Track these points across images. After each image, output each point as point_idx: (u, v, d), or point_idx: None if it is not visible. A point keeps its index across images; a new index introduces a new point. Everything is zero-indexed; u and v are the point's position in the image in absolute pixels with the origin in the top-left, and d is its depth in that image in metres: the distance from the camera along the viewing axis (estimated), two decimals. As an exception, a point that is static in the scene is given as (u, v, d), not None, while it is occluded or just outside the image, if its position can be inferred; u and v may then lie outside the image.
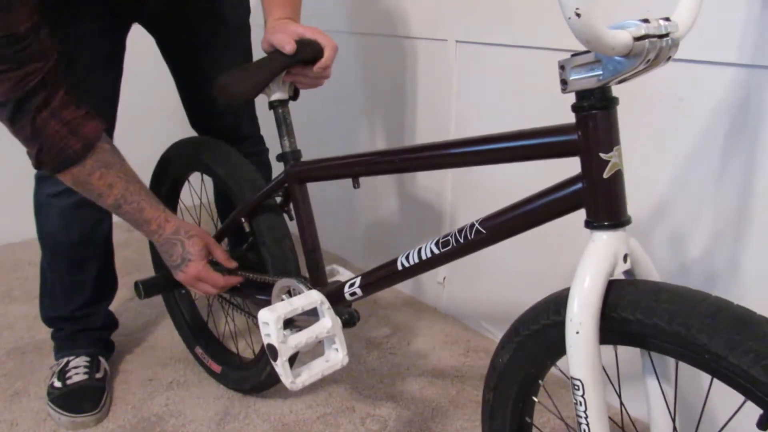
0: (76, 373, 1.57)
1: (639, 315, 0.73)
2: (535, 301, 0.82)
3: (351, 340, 1.81)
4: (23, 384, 1.67)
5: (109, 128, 1.49)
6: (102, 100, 1.43)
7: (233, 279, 1.41)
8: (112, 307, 1.73)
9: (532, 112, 1.57)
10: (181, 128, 1.79)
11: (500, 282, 1.78)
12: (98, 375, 1.59)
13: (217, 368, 1.64)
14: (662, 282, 0.76)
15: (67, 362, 1.59)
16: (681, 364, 0.82)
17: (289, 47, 1.18)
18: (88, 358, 1.61)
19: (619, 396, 0.92)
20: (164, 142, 1.66)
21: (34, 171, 1.47)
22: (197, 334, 1.74)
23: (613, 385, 0.92)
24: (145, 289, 1.52)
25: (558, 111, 1.50)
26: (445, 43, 1.74)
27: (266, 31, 1.25)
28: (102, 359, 1.65)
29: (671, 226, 1.34)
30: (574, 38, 0.64)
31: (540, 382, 0.93)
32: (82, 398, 1.52)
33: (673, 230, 1.34)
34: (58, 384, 1.55)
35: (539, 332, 0.85)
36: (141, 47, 1.56)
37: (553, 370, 0.92)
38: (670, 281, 0.82)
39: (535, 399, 0.94)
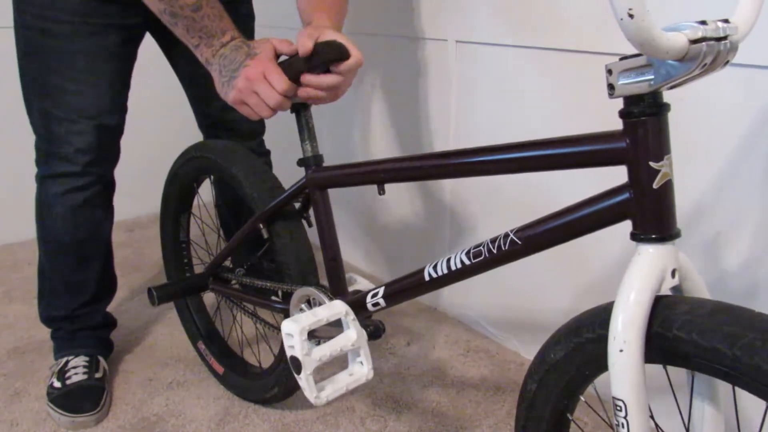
0: (76, 373, 1.51)
1: (694, 335, 0.64)
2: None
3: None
4: (23, 384, 1.60)
5: (118, 133, 1.43)
6: (113, 110, 1.38)
7: (299, 90, 1.08)
8: (112, 307, 1.66)
9: (533, 112, 1.50)
10: (186, 131, 1.70)
11: (500, 282, 1.70)
12: (98, 375, 1.53)
13: (219, 369, 1.56)
14: (720, 301, 0.67)
15: (67, 362, 1.53)
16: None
17: (303, 49, 1.05)
18: (87, 358, 1.55)
19: (687, 429, 0.82)
20: (168, 143, 1.58)
21: (34, 172, 1.42)
22: (202, 329, 1.64)
23: (680, 410, 0.82)
24: (158, 296, 1.45)
25: (559, 111, 1.44)
26: (445, 43, 1.67)
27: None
28: (101, 359, 1.59)
29: (708, 235, 1.23)
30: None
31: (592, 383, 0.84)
32: (81, 398, 1.47)
33: (710, 239, 1.23)
34: (57, 384, 1.49)
35: (605, 338, 0.73)
36: (149, 48, 1.47)
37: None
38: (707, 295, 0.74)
39: (581, 398, 0.85)
